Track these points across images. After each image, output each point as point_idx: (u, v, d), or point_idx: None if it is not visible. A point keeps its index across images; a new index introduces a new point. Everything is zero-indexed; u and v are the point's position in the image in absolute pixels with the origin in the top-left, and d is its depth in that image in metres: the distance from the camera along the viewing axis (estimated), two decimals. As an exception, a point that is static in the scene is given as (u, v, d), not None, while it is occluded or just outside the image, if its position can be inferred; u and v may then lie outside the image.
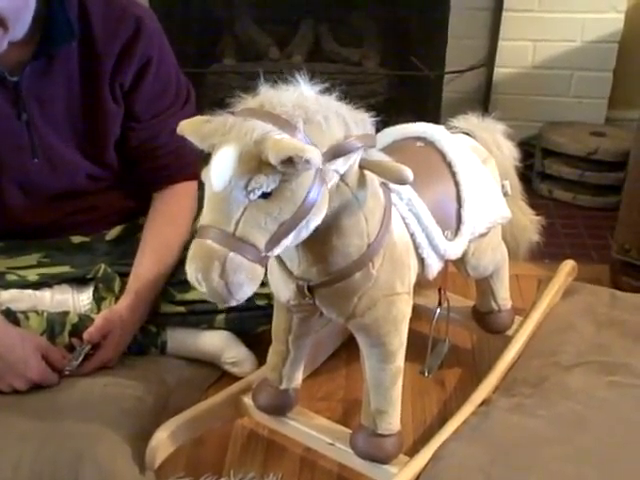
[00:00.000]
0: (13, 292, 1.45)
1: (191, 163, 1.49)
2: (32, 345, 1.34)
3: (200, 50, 2.54)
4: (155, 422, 1.29)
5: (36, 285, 1.48)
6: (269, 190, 0.94)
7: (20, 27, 1.30)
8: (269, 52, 2.56)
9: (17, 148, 1.42)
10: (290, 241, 0.99)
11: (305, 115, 0.96)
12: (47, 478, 1.19)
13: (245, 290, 0.96)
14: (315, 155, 0.92)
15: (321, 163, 0.95)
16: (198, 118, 1.00)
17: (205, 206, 0.98)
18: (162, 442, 1.24)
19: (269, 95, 0.98)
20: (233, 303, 0.97)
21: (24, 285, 1.47)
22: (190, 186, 1.53)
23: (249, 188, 0.93)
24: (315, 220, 1.00)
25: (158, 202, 1.54)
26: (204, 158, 1.01)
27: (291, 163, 0.91)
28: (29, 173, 1.45)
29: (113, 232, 1.59)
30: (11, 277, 1.47)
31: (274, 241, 0.96)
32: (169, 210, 1.53)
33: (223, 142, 0.95)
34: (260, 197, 0.94)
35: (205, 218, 0.96)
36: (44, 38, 1.34)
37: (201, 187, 1.07)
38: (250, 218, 0.94)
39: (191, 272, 0.95)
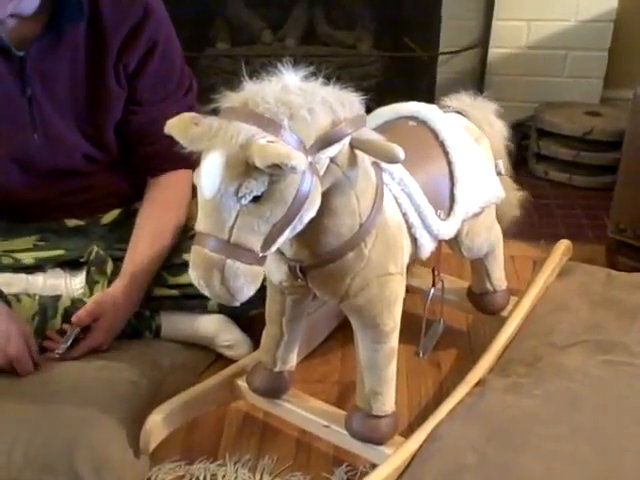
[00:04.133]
0: (6, 275, 1.44)
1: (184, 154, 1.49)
2: (17, 325, 1.34)
3: (193, 34, 2.52)
4: (149, 406, 1.28)
5: (30, 268, 1.48)
6: (259, 193, 0.94)
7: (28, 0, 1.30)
8: (262, 36, 2.55)
9: (18, 123, 1.42)
10: (285, 237, 0.99)
11: (289, 111, 0.95)
12: (41, 463, 1.18)
13: (246, 292, 0.98)
14: (300, 160, 0.91)
15: (306, 163, 0.94)
16: (185, 118, 0.99)
17: (199, 211, 0.98)
18: (156, 425, 1.24)
19: (252, 91, 0.97)
20: (237, 304, 0.99)
21: (18, 268, 1.47)
22: (185, 174, 1.52)
23: (239, 194, 0.93)
24: (309, 214, 1.00)
25: (153, 188, 1.54)
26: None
27: (278, 167, 0.91)
28: (28, 149, 1.45)
29: (108, 216, 1.58)
30: (6, 260, 1.47)
31: (269, 242, 0.97)
32: (164, 196, 1.52)
33: (210, 147, 0.95)
34: (251, 201, 0.94)
35: (200, 224, 0.97)
36: (53, 15, 1.35)
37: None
38: (243, 223, 0.95)
39: (194, 278, 0.99)
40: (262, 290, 1.29)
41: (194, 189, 0.98)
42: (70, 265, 1.51)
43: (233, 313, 1.50)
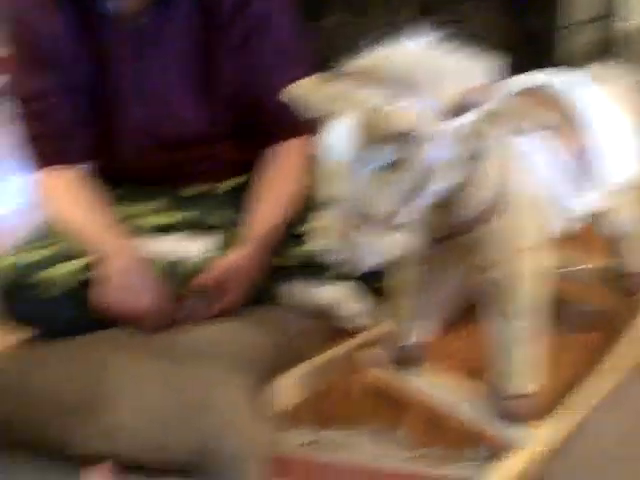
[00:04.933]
0: (136, 237, 1.45)
1: (303, 120, 1.46)
2: (152, 282, 1.36)
3: (310, 2, 2.48)
4: (275, 371, 1.27)
5: (153, 233, 1.49)
6: (389, 161, 0.90)
7: None
8: (381, 6, 2.49)
9: (134, 93, 1.43)
10: (416, 207, 0.95)
11: (421, 76, 0.91)
12: (166, 422, 1.17)
13: (375, 260, 0.95)
14: (431, 128, 0.88)
15: (438, 132, 0.90)
16: (310, 82, 0.96)
17: (325, 178, 0.95)
18: (284, 392, 1.23)
19: (382, 55, 0.93)
20: (364, 272, 0.96)
21: (146, 231, 1.49)
22: (302, 142, 1.51)
23: (368, 160, 0.90)
24: (441, 183, 0.95)
25: (271, 157, 1.52)
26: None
27: (408, 134, 0.87)
28: (144, 119, 1.46)
29: (227, 184, 1.58)
30: (135, 222, 1.49)
31: (399, 210, 0.93)
32: (282, 165, 1.51)
33: (338, 112, 0.91)
34: (380, 168, 0.90)
35: (327, 191, 0.94)
36: None
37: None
38: (372, 190, 0.91)
39: (320, 246, 0.96)
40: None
41: (312, 158, 0.96)
42: (194, 230, 1.51)
43: (358, 283, 1.46)
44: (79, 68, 1.40)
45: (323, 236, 0.95)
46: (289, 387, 1.22)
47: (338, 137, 0.91)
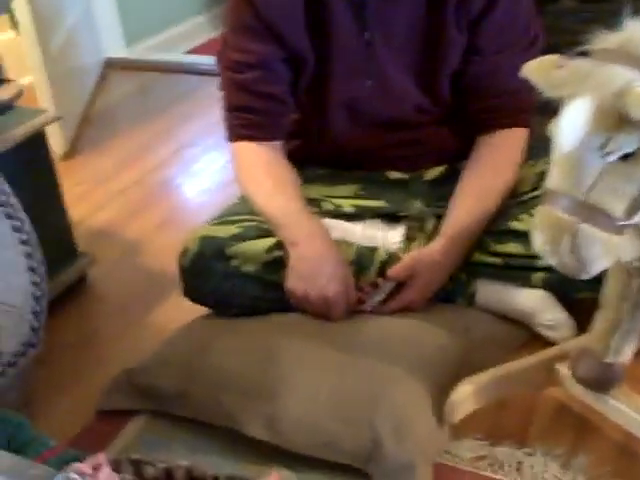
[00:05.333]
0: (325, 220, 1.42)
1: (527, 109, 1.39)
2: (342, 270, 1.32)
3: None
4: (456, 375, 1.20)
5: (349, 216, 1.46)
6: (631, 150, 0.82)
7: None
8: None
9: (352, 69, 1.39)
10: None
11: None
12: (343, 414, 1.15)
13: (599, 264, 0.87)
14: None
15: None
16: (548, 60, 0.88)
17: (553, 167, 0.88)
18: (464, 398, 1.16)
19: (634, 32, 0.84)
20: (586, 277, 0.88)
21: (338, 215, 1.45)
22: (520, 134, 1.42)
23: (606, 149, 0.82)
24: None
25: (482, 146, 1.44)
26: (544, 105, 0.89)
27: None
28: (359, 96, 1.42)
29: (432, 172, 1.51)
30: (327, 205, 1.46)
31: (634, 208, 0.85)
32: (493, 156, 1.42)
33: (576, 93, 0.83)
34: (619, 159, 0.82)
35: (553, 182, 0.87)
36: None
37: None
38: (606, 183, 0.84)
39: (539, 243, 0.88)
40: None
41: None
42: (389, 218, 1.46)
43: (559, 292, 1.36)
44: (298, 39, 1.37)
45: (543, 233, 0.87)
46: (468, 395, 1.15)
47: (573, 121, 0.84)
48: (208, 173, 2.17)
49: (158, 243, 1.80)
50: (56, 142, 2.12)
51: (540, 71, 0.88)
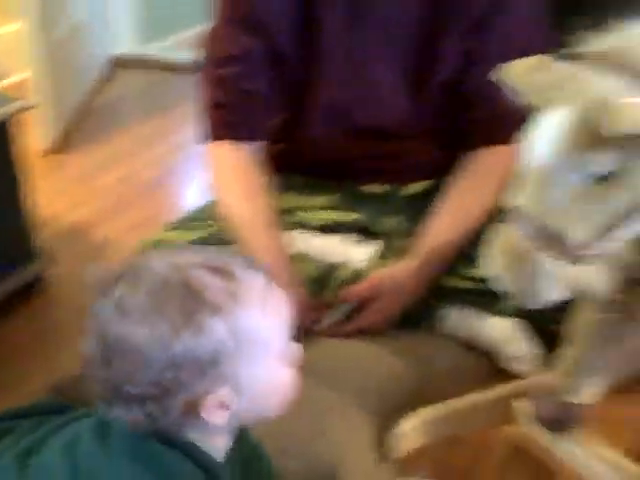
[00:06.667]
0: (292, 233, 1.37)
1: (519, 124, 1.31)
2: (294, 289, 1.25)
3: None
4: (409, 407, 1.15)
5: (319, 229, 1.40)
6: (606, 172, 0.75)
7: None
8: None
9: (338, 71, 1.35)
10: (620, 237, 0.80)
11: None
12: (279, 441, 1.07)
13: (555, 293, 0.82)
14: None
15: None
16: (528, 62, 0.83)
17: (521, 181, 0.82)
18: (411, 432, 1.11)
19: (623, 35, 0.79)
20: (537, 306, 0.84)
21: (310, 227, 1.40)
22: (508, 152, 1.32)
23: (581, 168, 0.76)
24: None
25: (467, 163, 1.38)
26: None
27: None
28: (343, 101, 1.37)
29: (410, 188, 1.46)
30: (299, 216, 1.41)
31: (600, 236, 0.79)
32: (477, 174, 1.37)
33: (553, 101, 0.78)
34: (593, 180, 0.76)
35: (518, 199, 0.81)
36: None
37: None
38: (576, 206, 0.78)
39: (493, 265, 0.85)
40: (568, 302, 1.09)
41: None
42: (360, 233, 1.40)
43: (529, 322, 1.29)
44: (286, 36, 1.33)
45: (498, 256, 0.83)
46: (415, 429, 1.09)
47: (545, 134, 0.79)
48: (196, 176, 2.12)
49: (128, 245, 1.76)
50: (42, 135, 2.09)
51: (518, 71, 0.83)
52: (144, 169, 2.12)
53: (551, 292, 0.81)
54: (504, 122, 1.30)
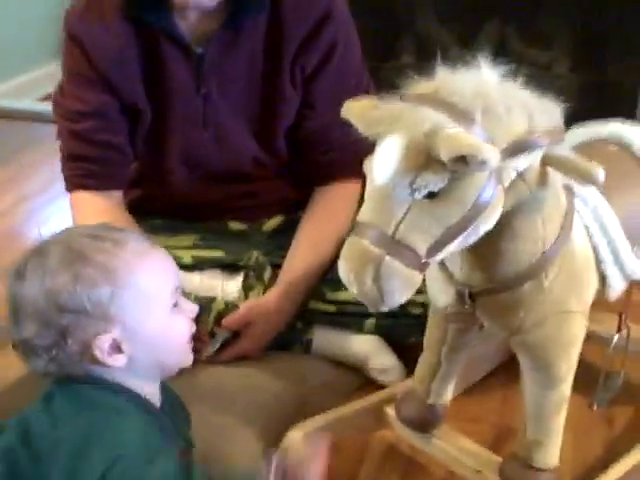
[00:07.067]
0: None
1: (360, 162, 1.42)
2: None
3: (378, 44, 2.46)
4: (290, 422, 1.21)
5: (188, 267, 1.45)
6: (436, 189, 0.84)
7: None
8: (450, 51, 2.44)
9: (190, 121, 1.40)
10: (455, 247, 0.89)
11: (484, 105, 0.85)
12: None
13: (398, 297, 0.87)
14: (492, 156, 0.81)
15: (498, 163, 0.83)
16: (366, 101, 0.91)
17: (365, 200, 0.90)
18: (295, 444, 1.16)
19: (446, 79, 0.88)
20: (384, 309, 0.89)
21: (180, 264, 1.42)
22: (355, 186, 1.44)
23: (414, 186, 0.84)
24: (486, 225, 0.88)
25: (319, 197, 1.47)
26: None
27: (464, 162, 0.80)
28: (197, 148, 1.43)
29: (271, 223, 1.54)
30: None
31: (437, 247, 0.87)
32: (329, 207, 1.46)
33: (389, 131, 0.86)
34: (425, 197, 0.84)
35: (364, 214, 0.88)
36: (233, 11, 1.32)
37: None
38: (412, 220, 0.85)
39: (343, 271, 0.88)
40: (423, 317, 1.21)
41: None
42: (228, 268, 1.47)
43: (390, 337, 1.42)
44: (133, 91, 1.37)
45: (347, 261, 0.87)
46: (299, 441, 1.16)
47: (385, 157, 0.86)
48: (52, 223, 2.11)
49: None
50: None
51: (358, 110, 0.91)
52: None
53: (398, 296, 0.86)
54: (347, 160, 1.38)
